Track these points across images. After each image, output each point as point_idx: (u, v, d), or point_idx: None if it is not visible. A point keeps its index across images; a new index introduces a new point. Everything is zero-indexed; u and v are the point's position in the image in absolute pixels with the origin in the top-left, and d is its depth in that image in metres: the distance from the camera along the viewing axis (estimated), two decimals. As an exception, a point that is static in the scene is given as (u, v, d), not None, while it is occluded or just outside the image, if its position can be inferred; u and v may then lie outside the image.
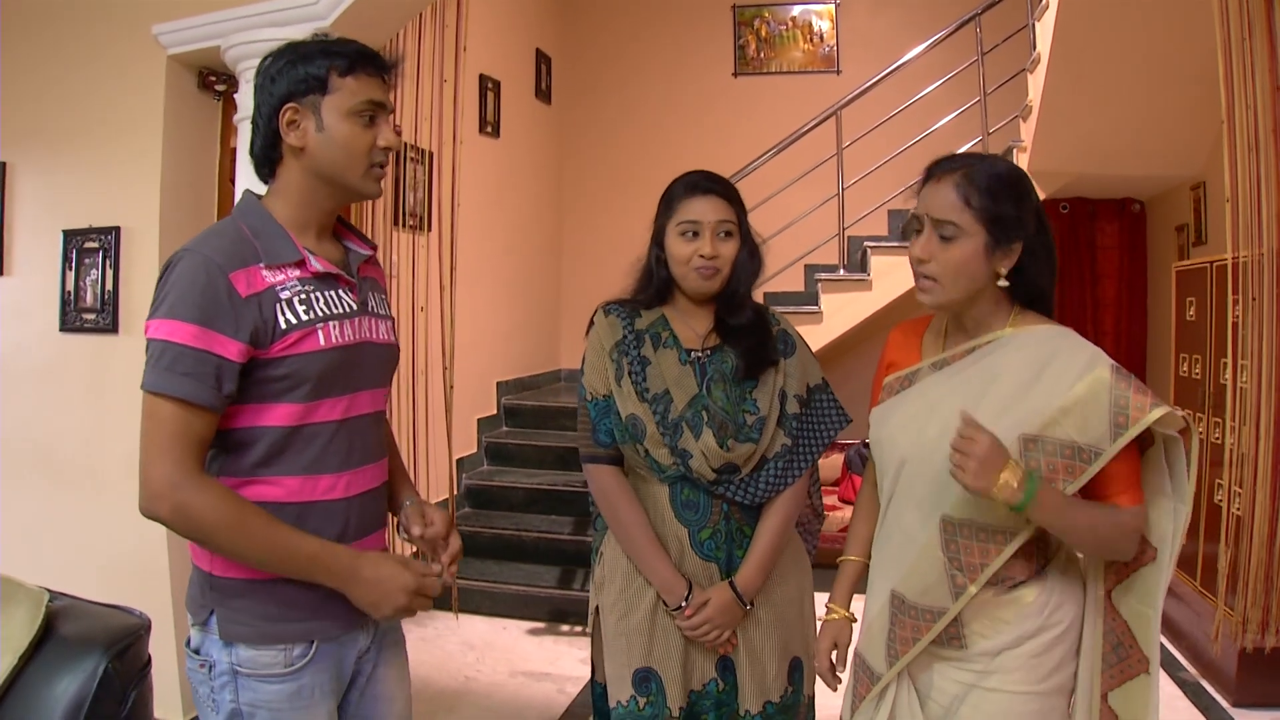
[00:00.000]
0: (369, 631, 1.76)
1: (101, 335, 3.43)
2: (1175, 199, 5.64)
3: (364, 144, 1.66)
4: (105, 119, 3.43)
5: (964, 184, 1.65)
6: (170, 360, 1.49)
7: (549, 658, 4.38)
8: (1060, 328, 1.69)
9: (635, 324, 2.15)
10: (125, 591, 2.17)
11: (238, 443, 1.60)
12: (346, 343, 1.66)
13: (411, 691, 1.91)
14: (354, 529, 1.69)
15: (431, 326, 3.92)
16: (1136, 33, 4.36)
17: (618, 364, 2.10)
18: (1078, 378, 1.58)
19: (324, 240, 1.74)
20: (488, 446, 6.12)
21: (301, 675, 1.62)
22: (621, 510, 2.09)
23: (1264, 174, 3.05)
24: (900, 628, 1.73)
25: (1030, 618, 1.65)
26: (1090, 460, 1.55)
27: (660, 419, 2.03)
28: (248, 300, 1.54)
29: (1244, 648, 3.37)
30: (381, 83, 1.69)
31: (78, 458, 3.49)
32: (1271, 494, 3.12)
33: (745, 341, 2.09)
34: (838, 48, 7.35)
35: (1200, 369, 4.11)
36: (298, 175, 1.67)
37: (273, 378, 1.58)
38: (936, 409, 1.70)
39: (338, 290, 1.69)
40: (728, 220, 2.06)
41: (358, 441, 1.71)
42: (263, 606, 1.59)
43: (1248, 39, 3.03)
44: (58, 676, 1.55)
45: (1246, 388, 3.14)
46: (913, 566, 1.70)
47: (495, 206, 6.38)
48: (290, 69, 1.63)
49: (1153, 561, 1.64)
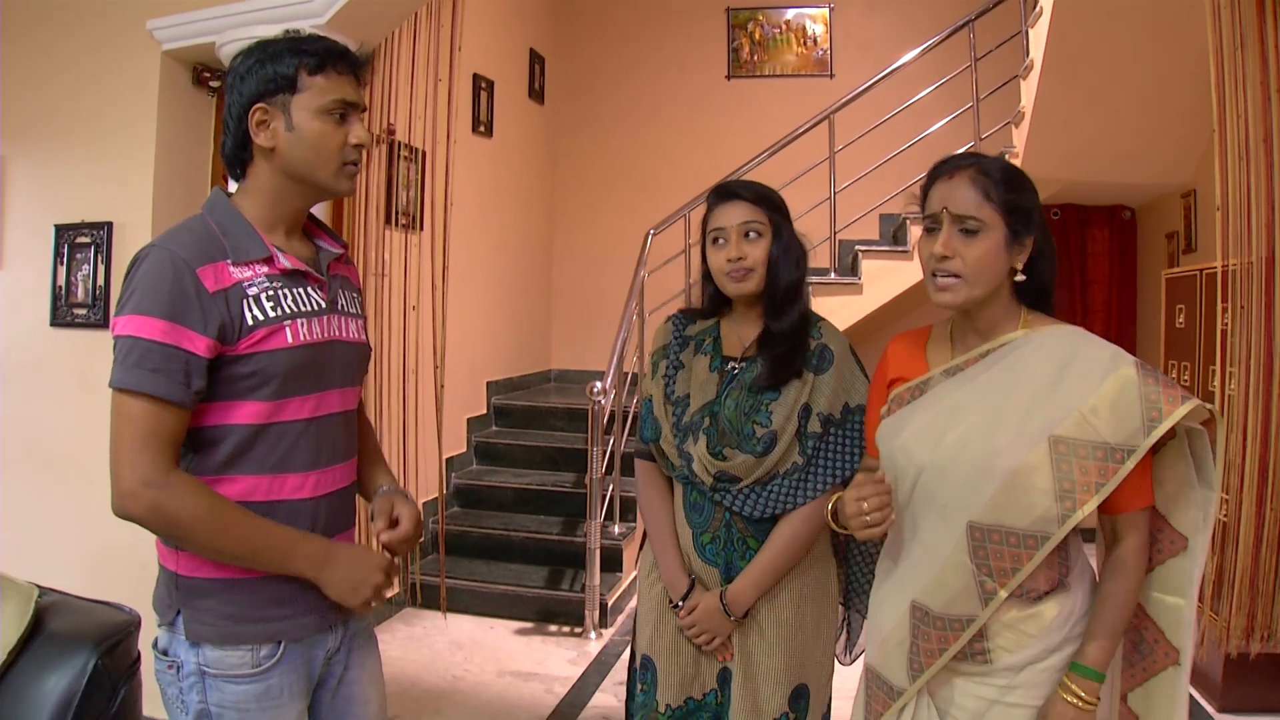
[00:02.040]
0: (337, 633, 1.75)
1: (93, 330, 3.41)
2: (1166, 206, 5.67)
3: (335, 142, 1.64)
4: (99, 114, 3.42)
5: (981, 178, 1.64)
6: (138, 356, 1.49)
7: (537, 658, 4.38)
8: (1073, 327, 1.69)
9: (686, 330, 2.22)
10: (115, 588, 2.16)
11: (204, 441, 1.59)
12: (315, 340, 1.64)
13: (393, 690, 1.91)
14: (322, 528, 1.68)
15: (423, 325, 3.91)
16: (1129, 41, 4.39)
17: (657, 366, 2.21)
18: (1103, 377, 1.57)
19: (293, 238, 1.72)
20: (477, 446, 6.12)
21: (270, 675, 1.61)
22: (649, 504, 2.22)
23: (1254, 182, 3.07)
24: (924, 640, 1.69)
25: (1054, 631, 1.64)
26: (1123, 459, 1.54)
27: (675, 422, 2.10)
28: (215, 296, 1.53)
29: (1229, 654, 3.38)
30: (353, 81, 1.68)
31: (68, 453, 3.47)
32: (1257, 501, 3.13)
33: (775, 350, 2.09)
34: (831, 52, 7.37)
35: (1189, 376, 4.13)
36: (268, 175, 1.66)
37: (239, 375, 1.57)
38: (956, 415, 1.67)
39: (307, 288, 1.67)
40: (752, 221, 2.08)
41: (326, 440, 1.70)
42: (228, 607, 1.59)
43: (1239, 48, 3.05)
44: (47, 673, 1.54)
45: (1235, 395, 3.16)
46: (937, 576, 1.67)
47: (488, 206, 6.37)
48: (259, 68, 1.62)
49: (1184, 550, 1.65)
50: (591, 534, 4.64)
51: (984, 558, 1.61)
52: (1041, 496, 1.56)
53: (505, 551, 5.30)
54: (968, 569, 1.63)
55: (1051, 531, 1.57)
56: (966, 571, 1.63)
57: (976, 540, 1.62)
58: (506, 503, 5.67)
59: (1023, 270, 1.67)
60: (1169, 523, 1.66)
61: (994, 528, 1.60)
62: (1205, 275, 3.94)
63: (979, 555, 1.62)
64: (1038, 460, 1.56)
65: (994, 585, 1.61)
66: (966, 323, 1.75)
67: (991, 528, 1.60)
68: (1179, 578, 1.65)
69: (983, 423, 1.63)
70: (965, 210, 1.63)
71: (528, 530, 5.34)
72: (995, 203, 1.63)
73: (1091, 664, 1.60)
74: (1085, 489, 1.55)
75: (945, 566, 1.66)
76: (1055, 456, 1.56)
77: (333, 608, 1.69)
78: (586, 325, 7.41)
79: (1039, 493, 1.56)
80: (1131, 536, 1.63)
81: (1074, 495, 1.55)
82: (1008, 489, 1.58)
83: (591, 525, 4.66)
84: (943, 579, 1.66)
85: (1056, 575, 1.65)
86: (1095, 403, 1.56)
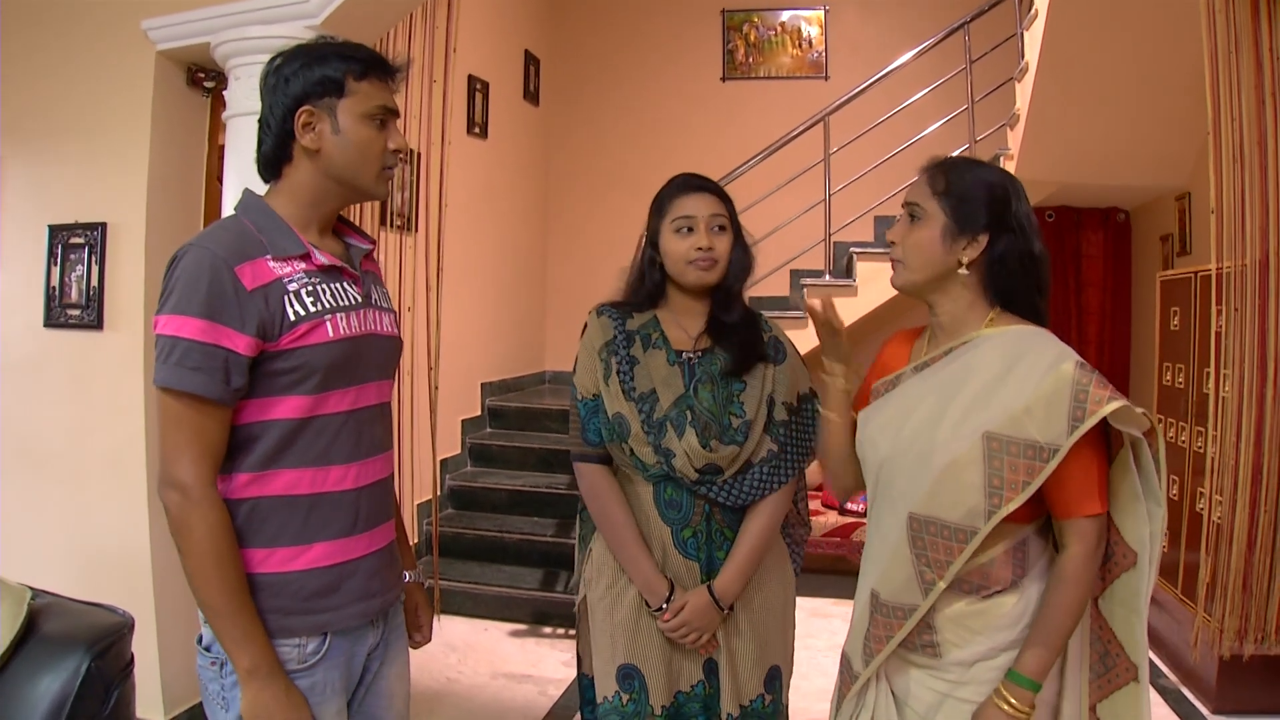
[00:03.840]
0: (379, 628, 1.79)
1: (86, 331, 3.40)
2: (1160, 209, 5.68)
3: (378, 147, 1.69)
4: (93, 114, 3.41)
5: (935, 172, 1.72)
6: (179, 355, 1.51)
7: (531, 660, 4.37)
8: (1034, 328, 1.70)
9: (626, 325, 2.18)
10: (108, 589, 2.16)
11: (249, 436, 1.60)
12: (354, 334, 1.67)
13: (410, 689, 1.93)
14: (363, 519, 1.71)
15: (417, 327, 3.91)
16: (1124, 44, 4.39)
17: (606, 363, 2.13)
18: (1043, 376, 1.58)
19: (325, 236, 1.76)
20: (472, 447, 6.10)
21: (315, 672, 1.63)
22: (609, 509, 2.12)
23: (1249, 185, 3.08)
24: (875, 626, 1.74)
25: (1004, 629, 1.64)
26: (1049, 458, 1.54)
27: (645, 418, 2.06)
28: (253, 293, 1.55)
29: (1223, 655, 3.39)
30: (389, 88, 1.73)
31: (61, 455, 3.46)
32: (1250, 503, 3.15)
33: (735, 338, 2.11)
34: (826, 54, 7.37)
35: (1184, 378, 4.14)
36: (309, 176, 1.69)
37: (282, 370, 1.59)
38: (914, 409, 1.72)
39: (342, 283, 1.71)
40: (720, 214, 2.11)
41: (365, 432, 1.73)
42: (276, 600, 1.60)
43: (1234, 52, 3.06)
44: (40, 675, 1.54)
45: (1229, 397, 3.17)
46: (888, 564, 1.71)
47: (482, 208, 6.37)
48: (306, 70, 1.65)
49: (1133, 566, 1.64)
50: (586, 536, 4.61)
51: (922, 548, 1.65)
52: (972, 491, 1.58)
53: (500, 553, 5.29)
54: (909, 560, 1.66)
55: (979, 526, 1.58)
56: (909, 562, 1.67)
57: (915, 531, 1.66)
58: (501, 504, 5.65)
59: (984, 272, 1.70)
60: (1122, 536, 1.66)
61: (930, 519, 1.63)
62: (1200, 278, 3.95)
63: (918, 545, 1.65)
64: (971, 455, 1.59)
65: (933, 576, 1.64)
66: (934, 319, 1.80)
67: (928, 519, 1.64)
68: (1130, 594, 1.65)
69: (929, 417, 1.67)
70: (911, 198, 1.74)
71: (522, 532, 5.33)
72: (939, 195, 1.69)
73: (1028, 673, 1.59)
74: (1013, 486, 1.56)
75: (893, 556, 1.70)
76: (988, 452, 1.58)
77: (377, 596, 1.73)
78: (581, 326, 7.30)
79: (970, 488, 1.58)
80: (1075, 545, 1.62)
81: (1002, 492, 1.57)
82: (941, 481, 1.61)
83: (586, 527, 4.63)
84: (891, 568, 1.70)
85: (1011, 574, 1.65)
86: (1030, 401, 1.57)
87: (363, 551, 1.71)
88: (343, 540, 1.67)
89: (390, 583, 1.80)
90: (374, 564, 1.74)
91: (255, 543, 1.60)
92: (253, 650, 1.53)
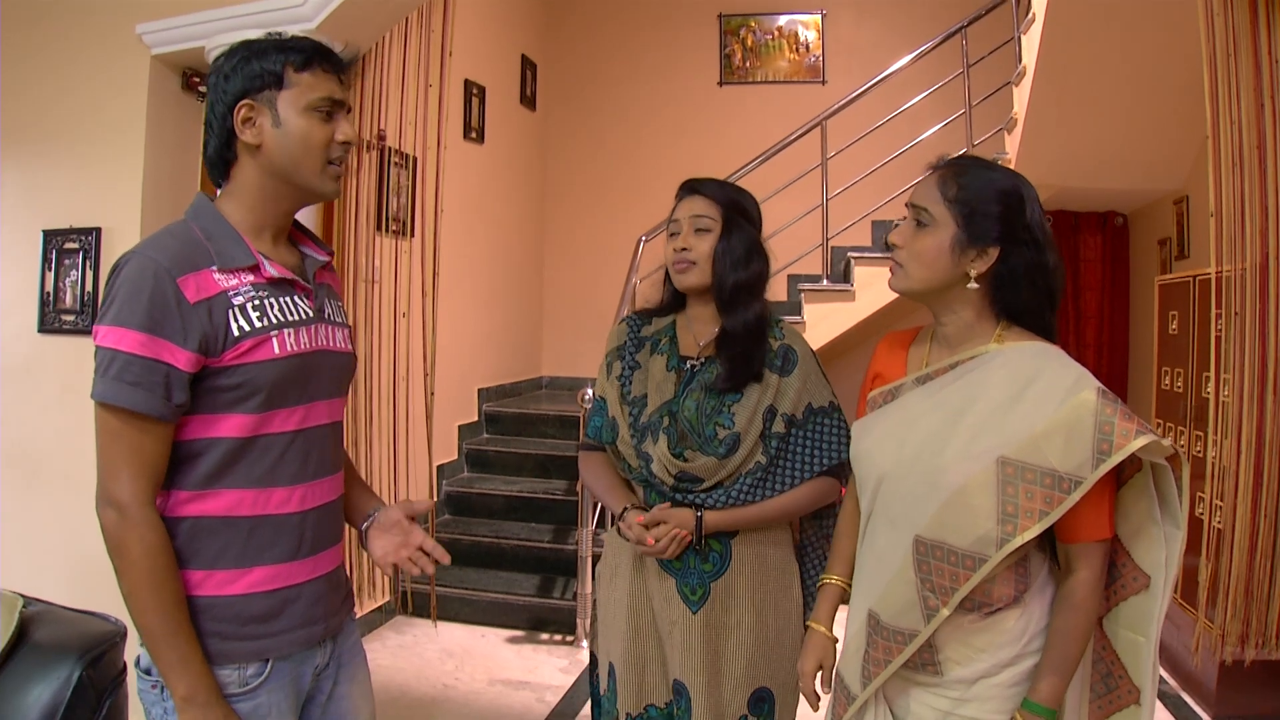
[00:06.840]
0: (326, 648, 1.72)
1: (80, 337, 3.38)
2: (1158, 212, 5.68)
3: (321, 138, 1.61)
4: (88, 119, 3.40)
5: (947, 177, 1.65)
6: (119, 369, 1.47)
7: (528, 666, 4.36)
8: (1047, 345, 1.64)
9: (642, 330, 2.22)
10: (100, 597, 2.13)
11: (189, 454, 1.55)
12: (302, 350, 1.61)
13: (383, 699, 1.89)
14: (309, 543, 1.65)
15: (413, 332, 3.90)
16: (1122, 48, 4.40)
17: (611, 367, 2.18)
18: (1061, 401, 1.52)
19: (279, 245, 1.69)
20: (468, 453, 6.10)
21: (258, 694, 1.58)
22: (595, 467, 2.22)
23: (1247, 189, 3.07)
24: (874, 648, 1.68)
25: (1006, 646, 1.60)
26: (1070, 490, 1.49)
27: (633, 422, 2.07)
28: (196, 306, 1.49)
29: (1224, 660, 3.38)
30: (338, 80, 1.65)
31: (54, 460, 3.44)
32: (1251, 507, 3.13)
33: (734, 349, 2.07)
34: (823, 58, 7.38)
35: (1183, 382, 4.13)
36: (253, 175, 1.62)
37: (224, 387, 1.53)
38: (915, 425, 1.66)
39: (293, 296, 1.64)
40: (703, 215, 2.10)
41: (314, 453, 1.66)
42: (214, 625, 1.55)
43: (1232, 55, 3.05)
44: (31, 684, 1.52)
45: (1228, 401, 3.16)
46: (888, 587, 1.65)
47: (478, 212, 6.36)
48: (245, 65, 1.59)
49: (1145, 589, 1.59)
50: (583, 541, 4.60)
51: (927, 573, 1.59)
52: (983, 517, 1.53)
53: (496, 559, 5.28)
54: (913, 583, 1.61)
55: (989, 554, 1.53)
56: (912, 586, 1.61)
57: (921, 555, 1.60)
58: (497, 510, 5.64)
59: (993, 285, 1.63)
60: (1132, 558, 1.62)
61: (936, 544, 1.58)
62: (1199, 281, 3.94)
63: (923, 570, 1.60)
64: (982, 479, 1.53)
65: (937, 602, 1.58)
66: (938, 328, 1.74)
67: (935, 544, 1.58)
68: (1140, 617, 1.61)
69: (936, 436, 1.61)
70: (920, 202, 1.66)
71: (519, 538, 5.32)
72: (949, 201, 1.63)
73: (1043, 701, 1.57)
74: (1029, 515, 1.51)
75: (894, 579, 1.64)
76: (1002, 478, 1.53)
77: (320, 622, 1.67)
78: (578, 332, 7.40)
79: (981, 513, 1.53)
80: (1084, 569, 1.58)
81: (1016, 520, 1.51)
82: (950, 506, 1.56)
83: (583, 533, 4.62)
84: (892, 591, 1.65)
85: (1013, 591, 1.61)
86: (1049, 427, 1.51)
87: (307, 576, 1.65)
88: (286, 565, 1.61)
89: (335, 607, 1.73)
90: (319, 589, 1.68)
91: (194, 564, 1.54)
92: (189, 677, 1.48)
